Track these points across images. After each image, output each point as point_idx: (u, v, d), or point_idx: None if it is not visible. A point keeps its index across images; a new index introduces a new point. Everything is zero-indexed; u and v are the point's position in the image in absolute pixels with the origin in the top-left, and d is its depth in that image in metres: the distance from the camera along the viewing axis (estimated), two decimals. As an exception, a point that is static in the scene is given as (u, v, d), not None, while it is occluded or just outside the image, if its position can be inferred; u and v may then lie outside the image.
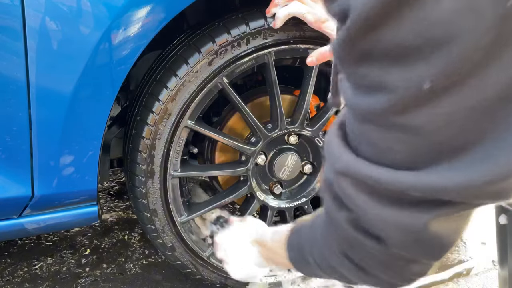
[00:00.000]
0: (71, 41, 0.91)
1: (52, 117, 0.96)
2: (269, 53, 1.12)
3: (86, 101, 0.97)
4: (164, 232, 1.24)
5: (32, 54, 0.89)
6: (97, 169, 1.06)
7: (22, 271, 1.48)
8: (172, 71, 1.09)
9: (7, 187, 1.00)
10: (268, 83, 1.18)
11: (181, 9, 1.00)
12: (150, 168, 1.14)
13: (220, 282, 1.37)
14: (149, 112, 1.10)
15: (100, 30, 0.91)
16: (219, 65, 1.09)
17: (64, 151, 1.00)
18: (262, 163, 1.29)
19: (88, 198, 1.11)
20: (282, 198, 1.37)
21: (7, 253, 1.56)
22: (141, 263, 1.55)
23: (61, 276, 1.46)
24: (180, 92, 1.09)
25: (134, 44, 0.97)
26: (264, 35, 1.10)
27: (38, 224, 1.09)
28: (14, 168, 0.99)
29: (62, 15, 0.88)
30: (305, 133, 1.27)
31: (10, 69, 0.90)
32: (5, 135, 0.95)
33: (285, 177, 1.32)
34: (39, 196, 1.03)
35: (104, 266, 1.52)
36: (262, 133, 1.22)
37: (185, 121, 1.13)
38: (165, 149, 1.14)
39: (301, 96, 1.23)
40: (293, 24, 1.10)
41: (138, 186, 1.17)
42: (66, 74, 0.93)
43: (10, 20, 0.87)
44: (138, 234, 1.72)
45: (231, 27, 1.08)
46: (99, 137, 1.03)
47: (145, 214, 1.21)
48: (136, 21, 0.95)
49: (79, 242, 1.65)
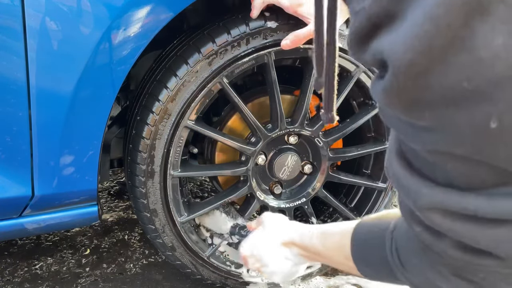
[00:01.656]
0: (71, 41, 0.91)
1: (52, 117, 0.96)
2: (269, 53, 1.12)
3: (86, 101, 0.97)
4: (164, 232, 1.24)
5: (32, 54, 0.89)
6: (97, 169, 1.07)
7: (22, 271, 1.48)
8: (172, 71, 1.09)
9: (7, 187, 1.00)
10: (268, 83, 1.18)
11: (181, 9, 1.00)
12: (150, 168, 1.14)
13: (220, 282, 1.37)
14: (149, 112, 1.10)
15: (100, 30, 0.91)
16: (219, 65, 1.09)
17: (64, 151, 1.01)
18: (262, 163, 1.29)
19: (88, 198, 1.11)
20: (282, 198, 1.37)
21: (7, 253, 1.56)
22: (141, 263, 1.55)
23: (61, 276, 1.46)
24: (180, 92, 1.09)
25: (134, 44, 0.97)
26: (264, 35, 1.10)
27: (38, 224, 1.09)
28: (14, 168, 0.99)
29: (62, 15, 0.89)
30: (305, 133, 1.27)
31: (10, 69, 0.90)
32: (5, 135, 0.95)
33: (285, 177, 1.33)
34: (39, 196, 1.03)
35: (104, 266, 1.52)
36: (262, 133, 1.22)
37: (185, 121, 1.13)
38: (165, 149, 1.14)
39: (301, 96, 1.23)
40: (293, 24, 1.10)
41: (138, 186, 1.17)
42: (66, 74, 0.93)
43: (10, 20, 0.87)
44: (138, 234, 1.72)
45: (231, 27, 1.08)
46: (99, 137, 1.03)
47: (145, 214, 1.21)
48: (136, 21, 0.95)
49: (79, 242, 1.65)
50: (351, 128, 1.31)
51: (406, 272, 0.59)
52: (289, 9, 1.04)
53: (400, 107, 0.38)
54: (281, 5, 1.04)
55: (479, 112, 0.33)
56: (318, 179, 1.36)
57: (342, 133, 1.31)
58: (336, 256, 0.75)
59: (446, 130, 0.36)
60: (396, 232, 0.60)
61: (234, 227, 1.26)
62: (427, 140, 0.38)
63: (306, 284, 1.45)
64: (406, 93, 0.35)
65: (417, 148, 0.41)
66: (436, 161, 0.41)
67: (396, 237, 0.60)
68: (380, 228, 0.64)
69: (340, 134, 1.31)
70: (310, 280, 1.46)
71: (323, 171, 1.35)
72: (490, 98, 0.32)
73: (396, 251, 0.59)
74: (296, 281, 1.44)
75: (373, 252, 0.65)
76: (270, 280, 0.92)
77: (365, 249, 0.67)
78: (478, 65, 0.31)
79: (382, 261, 0.62)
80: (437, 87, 0.33)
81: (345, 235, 0.72)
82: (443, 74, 0.33)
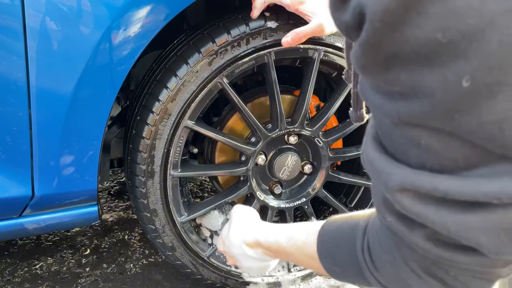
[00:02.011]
0: (71, 41, 0.91)
1: (52, 117, 0.96)
2: (269, 53, 1.12)
3: (86, 101, 0.97)
4: (164, 232, 1.24)
5: (32, 54, 0.89)
6: (97, 169, 1.07)
7: (22, 271, 1.48)
8: (172, 71, 1.09)
9: (7, 187, 1.00)
10: (268, 83, 1.18)
11: (181, 9, 1.00)
12: (150, 168, 1.14)
13: (220, 282, 1.37)
14: (149, 112, 1.11)
15: (100, 30, 0.91)
16: (219, 65, 1.09)
17: (64, 151, 1.01)
18: (262, 163, 1.29)
19: (88, 198, 1.11)
20: (282, 198, 1.37)
21: (7, 253, 1.56)
22: (141, 263, 1.55)
23: (61, 276, 1.46)
24: (180, 92, 1.09)
25: (134, 44, 0.97)
26: (264, 35, 1.10)
27: (38, 224, 1.09)
28: (14, 168, 0.99)
29: (62, 15, 0.88)
30: (305, 133, 1.27)
31: (10, 69, 0.90)
32: (5, 135, 0.95)
33: (285, 177, 1.33)
34: (39, 196, 1.03)
35: (104, 266, 1.52)
36: (262, 133, 1.22)
37: (185, 121, 1.13)
38: (165, 149, 1.14)
39: (301, 96, 1.23)
40: (293, 24, 1.10)
41: (138, 186, 1.17)
42: (66, 74, 0.93)
43: (10, 20, 0.87)
44: (138, 234, 1.72)
45: (231, 27, 1.08)
46: (99, 137, 1.03)
47: (145, 214, 1.21)
48: (136, 21, 0.95)
49: (79, 242, 1.65)
50: (351, 128, 1.31)
51: (376, 271, 0.57)
52: (290, 7, 1.04)
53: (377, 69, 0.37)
54: (282, 3, 1.04)
55: (452, 70, 0.32)
56: (318, 179, 1.36)
57: (342, 133, 1.31)
58: (301, 255, 0.73)
59: (420, 95, 0.35)
60: (368, 229, 0.58)
61: (224, 223, 1.26)
62: (401, 110, 0.37)
63: (306, 284, 1.45)
64: (382, 46, 0.34)
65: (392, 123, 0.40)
66: (410, 137, 0.39)
67: (369, 234, 0.58)
68: (350, 225, 0.62)
69: (340, 134, 1.31)
70: (310, 280, 1.46)
71: (323, 171, 1.35)
72: (463, 54, 0.31)
73: (368, 249, 0.58)
74: (296, 281, 1.44)
75: (341, 250, 0.63)
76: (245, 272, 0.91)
77: (333, 247, 0.65)
78: (453, 15, 0.31)
79: (350, 259, 0.60)
80: (412, 40, 0.33)
81: (311, 234, 0.70)
82: (418, 25, 0.32)
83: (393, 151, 0.43)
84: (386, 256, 0.54)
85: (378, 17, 0.33)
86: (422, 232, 0.44)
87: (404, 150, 0.41)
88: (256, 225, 0.88)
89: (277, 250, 0.80)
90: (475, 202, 0.37)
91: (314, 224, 0.72)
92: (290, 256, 0.79)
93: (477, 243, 0.40)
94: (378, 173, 0.45)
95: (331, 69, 1.30)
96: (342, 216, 0.68)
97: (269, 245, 0.82)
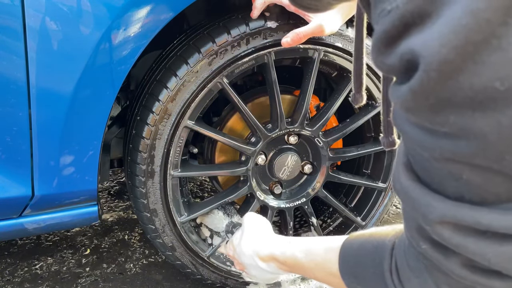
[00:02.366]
0: (71, 41, 0.91)
1: (52, 117, 0.96)
2: (269, 53, 1.12)
3: (86, 101, 0.97)
4: (164, 232, 1.24)
5: (32, 54, 0.89)
6: (97, 169, 1.07)
7: (22, 271, 1.48)
8: (172, 71, 1.09)
9: (7, 187, 1.00)
10: (268, 83, 1.18)
11: (181, 9, 1.00)
12: (150, 168, 1.15)
13: (220, 282, 1.37)
14: (149, 112, 1.11)
15: (100, 30, 0.91)
16: (219, 65, 1.09)
17: (64, 151, 1.01)
18: (262, 163, 1.29)
19: (88, 198, 1.11)
20: (282, 198, 1.37)
21: (7, 253, 1.56)
22: (141, 263, 1.55)
23: (61, 276, 1.46)
24: (180, 92, 1.09)
25: (134, 44, 0.97)
26: (264, 35, 1.10)
27: (38, 224, 1.09)
28: (14, 168, 0.99)
29: (62, 15, 0.89)
30: (305, 133, 1.27)
31: (10, 69, 0.90)
32: (5, 135, 0.95)
33: (285, 177, 1.33)
34: (39, 196, 1.03)
35: (104, 266, 1.52)
36: (262, 133, 1.22)
37: (185, 121, 1.13)
38: (165, 149, 1.14)
39: (301, 96, 1.23)
40: (293, 24, 1.10)
41: (138, 186, 1.17)
42: (66, 74, 0.93)
43: (10, 20, 0.87)
44: (138, 234, 1.72)
45: (231, 27, 1.08)
46: (99, 137, 1.03)
47: (145, 214, 1.21)
48: (136, 21, 0.95)
49: (79, 242, 1.65)
50: (351, 128, 1.31)
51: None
52: (290, 7, 1.04)
53: (425, 111, 0.37)
54: (283, 4, 1.04)
55: (507, 115, 0.33)
56: (318, 179, 1.36)
57: (342, 133, 1.31)
58: (321, 271, 0.73)
59: (469, 137, 0.35)
60: (396, 250, 0.59)
61: (229, 225, 1.26)
62: (445, 148, 0.38)
63: (306, 284, 1.45)
64: (435, 93, 0.35)
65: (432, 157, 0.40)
66: (451, 171, 0.40)
67: (396, 256, 0.58)
68: (373, 245, 0.63)
69: (340, 134, 1.31)
70: (310, 280, 1.46)
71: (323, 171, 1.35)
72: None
73: (396, 270, 0.58)
74: (296, 281, 1.44)
75: (366, 269, 0.63)
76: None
77: (356, 266, 0.66)
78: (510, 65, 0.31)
79: (376, 278, 0.61)
80: (467, 87, 0.33)
81: (331, 250, 0.70)
82: (475, 74, 0.32)
83: (428, 181, 0.43)
84: (417, 279, 0.54)
85: (435, 67, 0.33)
86: (458, 260, 0.45)
87: (441, 181, 0.42)
88: (271, 238, 0.88)
89: (294, 265, 0.80)
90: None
91: (333, 240, 0.72)
92: (307, 271, 0.79)
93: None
94: (414, 203, 0.45)
95: (331, 69, 1.30)
96: (363, 233, 0.68)
97: (285, 260, 0.81)
